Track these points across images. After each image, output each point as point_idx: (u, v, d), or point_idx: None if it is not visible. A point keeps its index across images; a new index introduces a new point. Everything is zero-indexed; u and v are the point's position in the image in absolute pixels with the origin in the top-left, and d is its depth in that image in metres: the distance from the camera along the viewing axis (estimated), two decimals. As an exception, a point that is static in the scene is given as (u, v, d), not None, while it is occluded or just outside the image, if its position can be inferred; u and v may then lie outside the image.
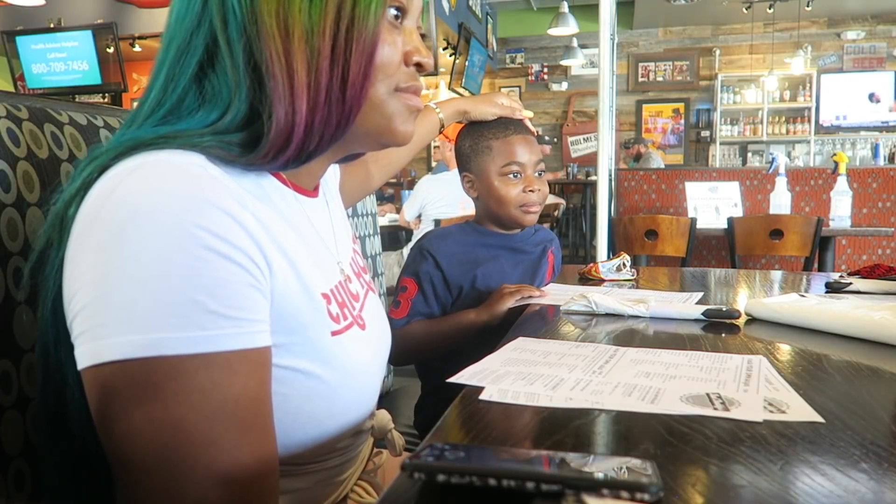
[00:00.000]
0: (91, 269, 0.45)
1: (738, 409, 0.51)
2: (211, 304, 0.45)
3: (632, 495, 0.35)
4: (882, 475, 0.40)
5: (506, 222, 1.21)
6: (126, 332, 0.43)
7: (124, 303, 0.44)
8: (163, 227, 0.44)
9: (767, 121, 7.62)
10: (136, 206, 0.45)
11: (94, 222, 0.46)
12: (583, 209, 7.05)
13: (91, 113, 0.74)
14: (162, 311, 0.44)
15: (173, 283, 0.44)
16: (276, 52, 0.51)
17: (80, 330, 0.45)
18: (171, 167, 0.47)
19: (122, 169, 0.48)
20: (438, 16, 5.02)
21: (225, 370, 0.46)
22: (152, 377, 0.44)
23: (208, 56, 0.54)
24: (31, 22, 6.05)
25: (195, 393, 0.45)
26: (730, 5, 6.92)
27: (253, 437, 0.48)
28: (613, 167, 3.49)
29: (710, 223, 3.29)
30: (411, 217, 3.39)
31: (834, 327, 0.81)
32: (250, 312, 0.48)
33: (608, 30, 2.98)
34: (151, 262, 0.44)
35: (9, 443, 0.58)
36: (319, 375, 0.55)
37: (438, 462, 0.37)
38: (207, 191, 0.47)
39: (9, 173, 0.60)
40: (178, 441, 0.45)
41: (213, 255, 0.45)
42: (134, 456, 0.45)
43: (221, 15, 0.52)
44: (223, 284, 0.46)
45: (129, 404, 0.44)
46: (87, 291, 0.45)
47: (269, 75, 0.52)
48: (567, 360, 0.67)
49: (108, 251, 0.45)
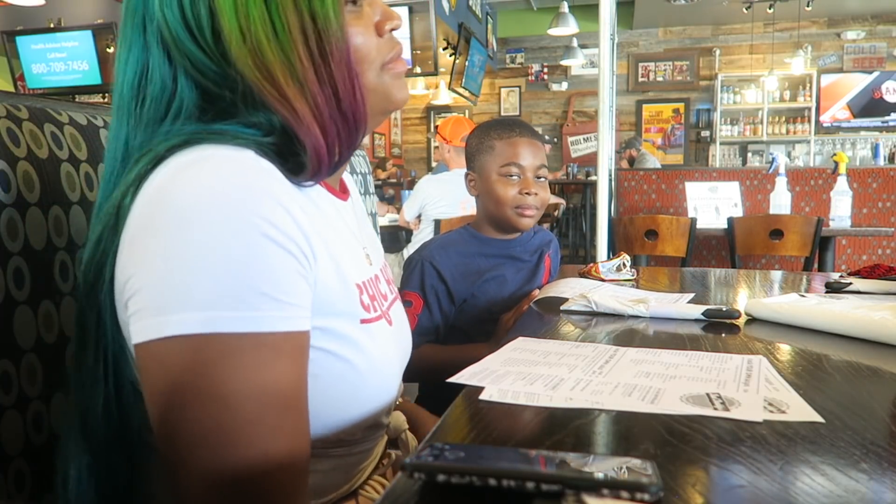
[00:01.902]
0: (153, 252, 0.48)
1: (738, 409, 0.51)
2: (263, 287, 0.48)
3: (632, 495, 0.35)
4: (882, 475, 0.40)
5: (501, 223, 1.21)
6: (184, 309, 0.46)
7: (184, 283, 0.47)
8: (223, 215, 0.47)
9: (767, 121, 7.62)
10: (198, 195, 0.48)
11: (155, 209, 0.49)
12: (583, 209, 7.05)
13: (91, 113, 0.74)
14: (218, 292, 0.47)
15: (231, 267, 0.47)
16: (274, 98, 0.54)
17: (139, 307, 0.48)
18: (228, 160, 0.50)
19: (180, 161, 0.50)
20: (438, 16, 5.02)
21: (272, 351, 0.48)
22: (205, 353, 0.47)
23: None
24: (31, 22, 6.05)
25: (243, 370, 0.47)
26: (730, 5, 6.92)
27: (291, 418, 0.50)
28: (613, 167, 3.49)
29: (710, 223, 3.29)
30: (411, 217, 3.39)
31: (834, 327, 0.81)
32: (297, 298, 0.51)
33: (608, 30, 2.98)
34: (212, 246, 0.47)
35: (9, 443, 0.58)
36: (349, 359, 0.58)
37: (438, 462, 0.37)
38: (263, 182, 0.50)
39: (9, 173, 0.60)
40: (223, 416, 0.47)
41: (268, 243, 0.48)
42: (181, 429, 0.47)
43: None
44: (275, 270, 0.49)
45: (181, 379, 0.47)
46: (148, 272, 0.48)
47: (280, 117, 0.55)
48: (567, 360, 0.67)
49: (170, 235, 0.47)
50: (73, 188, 0.67)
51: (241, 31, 0.53)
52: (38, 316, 0.61)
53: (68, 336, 0.64)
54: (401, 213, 3.54)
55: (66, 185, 0.66)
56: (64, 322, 0.64)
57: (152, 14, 0.55)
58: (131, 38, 0.57)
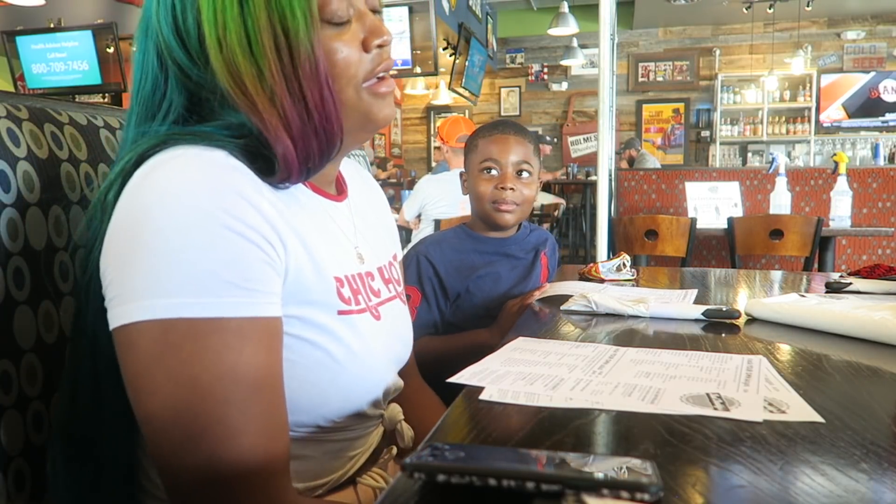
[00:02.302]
0: (122, 242, 0.52)
1: (738, 409, 0.51)
2: (226, 275, 0.51)
3: (632, 495, 0.35)
4: (882, 475, 0.40)
5: (484, 220, 1.23)
6: (150, 296, 0.50)
7: (149, 271, 0.50)
8: (186, 207, 0.51)
9: (767, 121, 7.62)
10: (164, 190, 0.52)
11: (128, 205, 0.53)
12: (583, 209, 7.05)
13: (91, 113, 0.74)
14: (181, 279, 0.50)
15: (192, 255, 0.50)
16: (246, 107, 0.56)
17: (112, 295, 0.52)
18: (197, 159, 0.54)
19: (157, 159, 0.54)
20: (438, 16, 5.02)
21: (236, 335, 0.51)
22: (171, 337, 0.50)
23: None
24: (31, 22, 6.05)
25: (209, 353, 0.50)
26: (730, 5, 6.91)
27: (263, 400, 0.53)
28: (613, 167, 3.49)
29: (710, 223, 3.29)
30: (411, 217, 3.39)
31: (834, 327, 0.81)
32: (262, 285, 0.53)
33: (608, 30, 2.98)
34: (174, 236, 0.50)
35: (9, 443, 0.58)
36: (326, 348, 0.61)
37: (438, 462, 0.37)
38: (227, 178, 0.54)
39: (9, 173, 0.60)
40: (193, 397, 0.50)
41: (229, 233, 0.52)
42: (155, 410, 0.51)
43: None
44: (238, 259, 0.52)
45: (151, 361, 0.50)
46: (119, 261, 0.52)
47: (252, 124, 0.57)
48: (567, 360, 0.67)
49: (137, 227, 0.51)
50: (73, 188, 0.67)
51: (219, 41, 0.55)
52: (38, 316, 0.61)
53: (69, 336, 0.64)
54: (401, 213, 3.54)
55: (66, 185, 0.66)
56: (64, 322, 0.64)
57: (151, 21, 0.59)
58: (140, 42, 0.61)
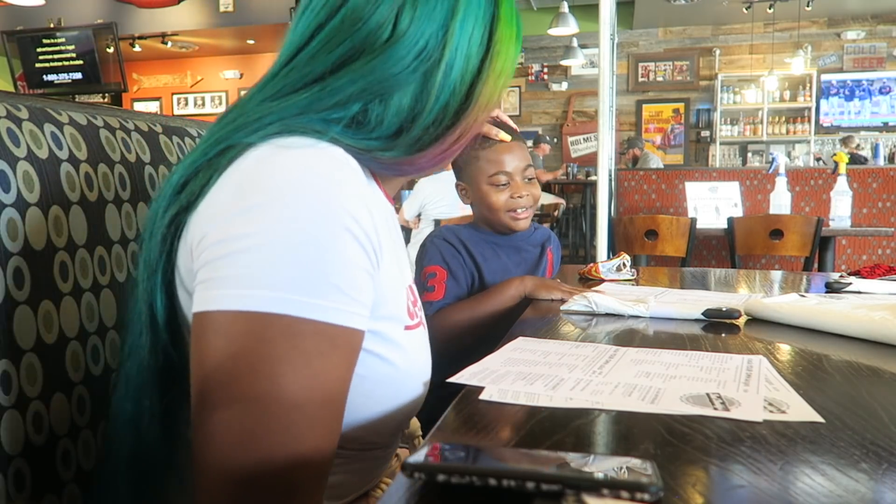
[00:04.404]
0: (237, 225, 0.49)
1: (738, 409, 0.51)
2: (335, 279, 0.49)
3: (632, 495, 0.35)
4: (882, 475, 0.40)
5: (498, 228, 1.23)
6: (261, 286, 0.47)
7: (261, 259, 0.48)
8: (312, 203, 0.49)
9: (767, 121, 7.62)
10: (291, 180, 0.50)
11: (249, 183, 0.50)
12: (583, 209, 7.05)
13: (91, 113, 0.74)
14: (292, 275, 0.48)
15: (309, 252, 0.48)
16: (452, 119, 0.59)
17: (211, 276, 0.49)
18: (321, 153, 0.53)
19: (285, 142, 0.53)
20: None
21: (329, 342, 0.49)
22: (269, 331, 0.47)
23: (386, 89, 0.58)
24: (31, 22, 6.05)
25: (300, 355, 0.48)
26: (730, 5, 6.91)
27: (330, 411, 0.51)
28: (613, 167, 3.49)
29: (710, 223, 3.29)
30: (410, 216, 3.39)
31: (834, 327, 0.81)
32: (361, 295, 0.51)
33: (608, 30, 2.98)
34: (298, 229, 0.48)
35: (9, 443, 0.58)
36: (394, 363, 0.59)
37: (438, 462, 0.37)
38: (351, 179, 0.52)
39: (9, 173, 0.60)
40: (269, 396, 0.47)
41: (348, 236, 0.50)
42: (223, 400, 0.48)
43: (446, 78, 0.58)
44: (349, 265, 0.50)
45: (240, 350, 0.47)
46: (227, 240, 0.49)
47: (431, 136, 0.59)
48: (567, 360, 0.67)
49: (260, 214, 0.49)
50: (73, 188, 0.67)
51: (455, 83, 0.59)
52: (38, 316, 0.61)
53: (68, 336, 0.64)
54: (400, 212, 3.54)
55: (66, 185, 0.66)
56: (64, 322, 0.64)
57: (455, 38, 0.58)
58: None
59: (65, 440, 0.63)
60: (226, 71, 8.91)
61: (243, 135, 0.54)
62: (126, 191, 0.74)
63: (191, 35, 7.57)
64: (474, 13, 0.59)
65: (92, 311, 0.67)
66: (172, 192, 0.55)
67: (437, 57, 0.58)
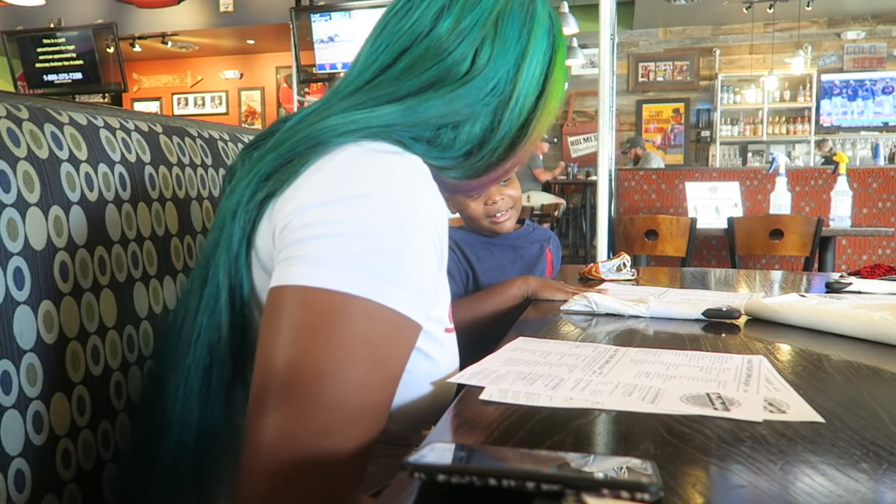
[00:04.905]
0: (328, 212, 0.53)
1: (738, 409, 0.51)
2: (413, 274, 0.53)
3: (632, 495, 0.35)
4: (882, 475, 0.40)
5: (484, 233, 1.23)
6: (349, 268, 0.51)
7: (358, 246, 0.52)
8: (401, 202, 0.54)
9: (767, 121, 7.62)
10: (383, 180, 0.55)
11: (340, 178, 0.55)
12: (583, 209, 7.05)
13: (91, 113, 0.74)
14: (378, 264, 0.52)
15: (395, 246, 0.53)
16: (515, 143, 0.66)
17: (295, 254, 0.52)
18: (407, 160, 0.58)
19: (366, 147, 0.57)
20: (438, 16, 5.01)
21: (399, 331, 0.53)
22: (347, 310, 0.50)
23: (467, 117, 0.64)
24: (31, 22, 6.06)
25: (372, 338, 0.51)
26: (730, 5, 6.91)
27: (385, 399, 0.54)
28: (613, 167, 3.49)
29: (711, 223, 3.29)
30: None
31: (834, 327, 0.81)
32: (427, 294, 0.56)
33: (608, 30, 2.98)
34: (386, 224, 0.53)
35: (9, 443, 0.58)
36: (435, 360, 0.64)
37: (438, 462, 0.37)
38: (432, 187, 0.58)
39: (9, 173, 0.60)
40: (339, 371, 0.50)
41: (427, 238, 0.55)
42: (294, 365, 0.50)
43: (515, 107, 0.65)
44: (424, 264, 0.55)
45: (319, 325, 0.50)
46: (318, 227, 0.52)
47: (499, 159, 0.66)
48: (567, 360, 0.67)
49: (351, 203, 0.53)
50: (73, 188, 0.67)
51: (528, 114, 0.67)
52: (38, 316, 0.61)
53: (68, 336, 0.64)
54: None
55: (66, 185, 0.66)
56: (64, 322, 0.64)
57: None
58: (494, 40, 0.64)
59: (65, 440, 0.63)
60: (226, 71, 8.91)
61: (333, 134, 0.58)
62: (126, 191, 0.74)
63: (191, 35, 7.57)
64: (539, 56, 0.66)
65: (92, 311, 0.67)
66: (260, 179, 0.58)
67: (508, 93, 0.64)
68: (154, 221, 0.77)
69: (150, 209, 0.77)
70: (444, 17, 0.63)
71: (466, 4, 0.64)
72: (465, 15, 0.63)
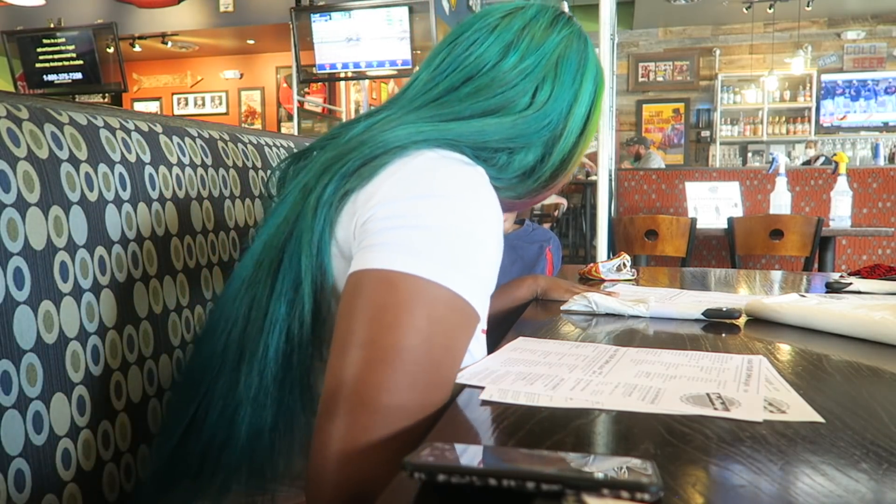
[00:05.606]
0: (409, 207, 0.57)
1: (738, 409, 0.51)
2: (482, 270, 0.58)
3: (632, 495, 0.35)
4: (882, 475, 0.40)
5: None
6: (431, 259, 0.55)
7: (431, 237, 0.56)
8: (476, 205, 0.59)
9: (767, 121, 7.62)
10: (459, 184, 0.60)
11: (420, 179, 0.59)
12: (583, 209, 7.04)
13: (91, 113, 0.74)
14: (454, 258, 0.56)
15: (470, 243, 0.57)
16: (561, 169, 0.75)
17: (377, 242, 0.56)
18: (476, 171, 0.63)
19: (441, 154, 0.63)
20: (438, 16, 5.01)
21: (467, 321, 0.57)
22: (424, 293, 0.54)
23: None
24: (31, 22, 6.06)
25: (446, 324, 0.56)
26: (730, 5, 6.92)
27: (450, 379, 0.57)
28: (613, 167, 3.49)
29: (711, 223, 3.29)
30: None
31: (834, 327, 0.81)
32: (489, 287, 0.60)
33: (608, 30, 2.98)
34: (463, 223, 0.57)
35: (9, 443, 0.58)
36: (474, 356, 0.67)
37: (438, 462, 0.37)
38: (495, 195, 0.63)
39: (9, 173, 0.60)
40: (415, 350, 0.53)
41: (494, 241, 0.60)
42: (376, 343, 0.53)
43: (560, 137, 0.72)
44: (490, 264, 0.60)
45: (403, 305, 0.54)
46: (398, 219, 0.57)
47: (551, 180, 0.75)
48: (567, 360, 0.67)
49: (432, 201, 0.58)
50: (74, 188, 0.67)
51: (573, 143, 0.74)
52: (38, 316, 0.61)
53: (68, 336, 0.64)
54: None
55: (66, 185, 0.66)
56: (64, 322, 0.64)
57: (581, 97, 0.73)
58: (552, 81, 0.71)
59: (65, 440, 0.63)
60: (226, 71, 8.91)
61: (410, 140, 0.63)
62: (126, 191, 0.74)
63: (191, 35, 7.57)
64: (586, 98, 0.74)
65: (92, 311, 0.67)
66: (342, 176, 0.62)
67: (560, 130, 0.71)
68: (154, 221, 0.77)
69: (150, 209, 0.77)
70: (509, 54, 0.69)
71: (531, 45, 0.70)
72: (529, 54, 0.70)
